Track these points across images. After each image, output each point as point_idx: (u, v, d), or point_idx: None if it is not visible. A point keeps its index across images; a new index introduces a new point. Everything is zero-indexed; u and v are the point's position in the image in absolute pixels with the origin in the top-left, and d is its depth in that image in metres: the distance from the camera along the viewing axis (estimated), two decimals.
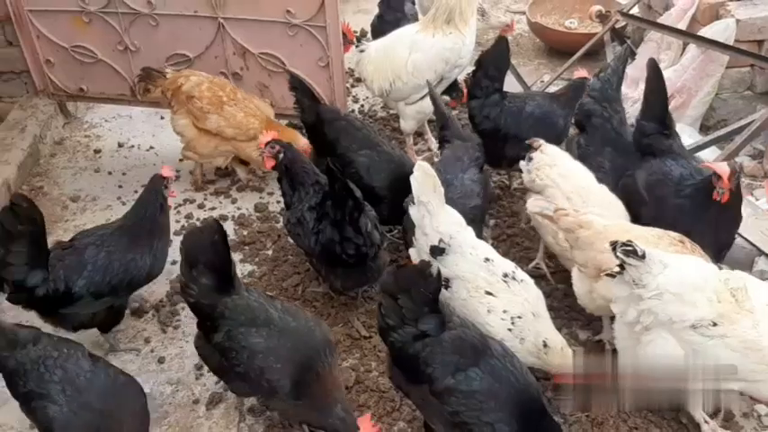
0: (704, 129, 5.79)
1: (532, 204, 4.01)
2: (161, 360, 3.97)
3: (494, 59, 4.90)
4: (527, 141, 4.31)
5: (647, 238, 3.62)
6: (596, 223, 3.67)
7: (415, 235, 3.75)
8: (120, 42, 5.42)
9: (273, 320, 3.29)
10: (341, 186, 3.80)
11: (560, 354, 3.39)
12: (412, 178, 3.64)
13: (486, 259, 3.58)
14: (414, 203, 3.69)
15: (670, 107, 5.66)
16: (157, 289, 4.43)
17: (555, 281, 4.36)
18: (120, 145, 5.96)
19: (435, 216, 3.62)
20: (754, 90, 5.81)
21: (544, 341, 3.40)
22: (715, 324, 3.17)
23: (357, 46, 5.47)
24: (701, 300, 3.20)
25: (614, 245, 3.19)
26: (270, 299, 3.46)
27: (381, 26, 6.12)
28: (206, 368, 3.87)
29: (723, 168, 3.70)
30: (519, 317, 3.42)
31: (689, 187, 3.97)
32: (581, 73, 4.99)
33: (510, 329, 3.40)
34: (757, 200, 5.00)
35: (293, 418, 3.51)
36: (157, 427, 3.60)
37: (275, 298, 3.58)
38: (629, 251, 3.16)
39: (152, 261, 3.92)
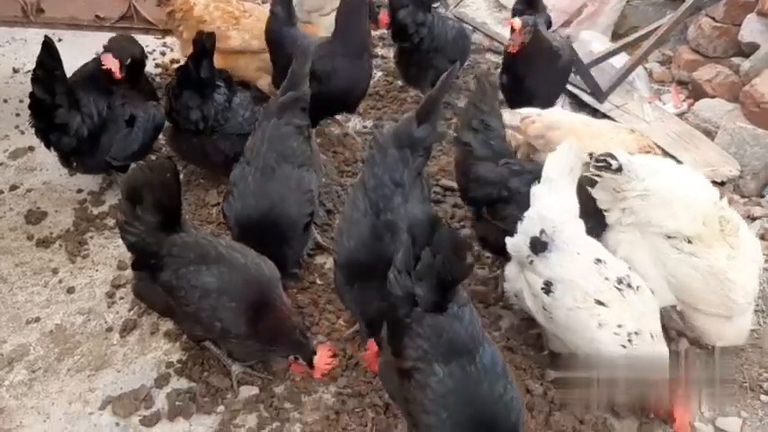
0: (616, 36, 5.83)
1: None
2: (70, 290, 3.85)
3: None
4: None
5: (610, 130, 3.69)
6: (564, 121, 3.60)
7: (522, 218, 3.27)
8: None
9: (224, 257, 3.15)
10: (195, 63, 3.94)
11: None
12: (553, 153, 3.29)
13: (598, 260, 3.07)
14: (540, 181, 3.26)
15: (582, 15, 5.77)
16: (63, 219, 4.26)
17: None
18: (16, 70, 5.62)
19: (552, 197, 3.20)
20: None
21: None
22: (690, 242, 3.14)
23: None
24: (685, 214, 3.15)
25: (590, 156, 3.16)
26: (213, 236, 3.34)
27: None
28: (118, 295, 3.82)
29: (515, 22, 4.13)
30: (636, 333, 2.96)
31: None
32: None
33: (624, 346, 2.96)
34: (665, 104, 5.13)
35: (249, 357, 3.40)
36: (70, 357, 3.52)
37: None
38: (600, 166, 3.10)
39: None
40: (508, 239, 3.32)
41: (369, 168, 3.36)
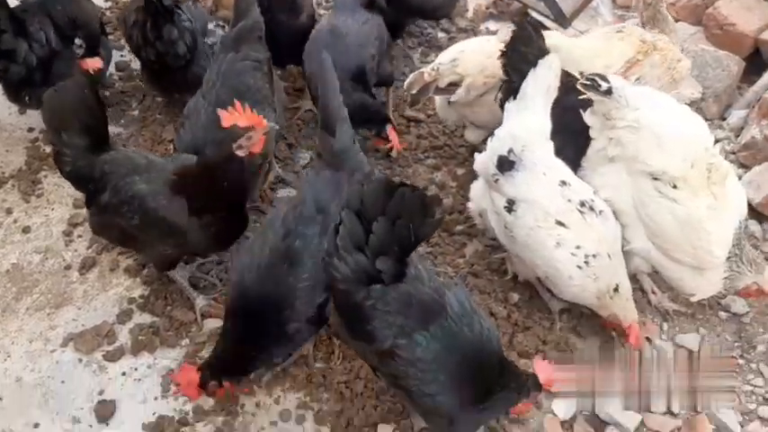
0: None
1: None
2: (26, 230, 3.74)
3: None
4: None
5: (603, 47, 3.62)
6: (563, 44, 3.50)
7: (493, 135, 3.20)
8: None
9: (155, 163, 3.15)
10: None
11: (624, 303, 3.09)
12: (536, 67, 3.11)
13: (563, 182, 3.04)
14: (514, 98, 3.17)
15: None
16: (15, 158, 4.13)
17: None
18: None
19: (523, 116, 3.12)
20: None
21: (617, 285, 3.05)
22: (675, 186, 3.02)
23: None
24: (676, 154, 3.01)
25: (581, 75, 3.05)
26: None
27: None
28: (76, 234, 3.74)
29: None
30: (594, 256, 2.97)
31: None
32: None
33: (580, 267, 2.98)
34: None
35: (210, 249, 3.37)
36: (28, 296, 3.46)
37: None
38: (588, 85, 2.99)
39: None
40: (477, 156, 3.29)
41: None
